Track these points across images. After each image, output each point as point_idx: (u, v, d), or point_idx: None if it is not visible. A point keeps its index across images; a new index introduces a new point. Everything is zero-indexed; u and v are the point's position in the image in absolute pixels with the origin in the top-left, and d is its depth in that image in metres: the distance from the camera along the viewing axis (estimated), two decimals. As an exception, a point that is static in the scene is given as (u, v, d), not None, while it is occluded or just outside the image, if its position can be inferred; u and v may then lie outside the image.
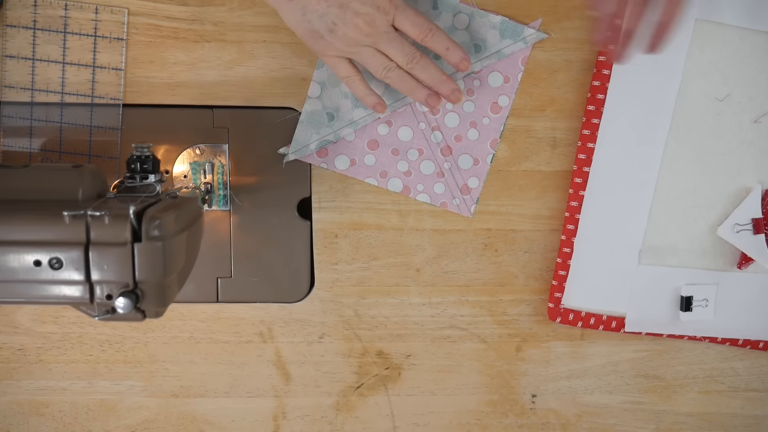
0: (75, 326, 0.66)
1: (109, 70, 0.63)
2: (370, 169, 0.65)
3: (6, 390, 0.67)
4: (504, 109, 0.64)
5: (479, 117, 0.64)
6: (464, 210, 0.65)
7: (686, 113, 0.63)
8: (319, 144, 0.63)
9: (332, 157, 0.64)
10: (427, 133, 0.64)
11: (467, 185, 0.65)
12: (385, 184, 0.65)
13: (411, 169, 0.65)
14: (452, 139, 0.64)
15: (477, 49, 0.62)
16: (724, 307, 0.67)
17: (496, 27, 0.62)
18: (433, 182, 0.65)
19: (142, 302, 0.47)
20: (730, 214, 0.65)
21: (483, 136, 0.64)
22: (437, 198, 0.65)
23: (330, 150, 0.64)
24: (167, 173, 0.64)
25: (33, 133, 0.63)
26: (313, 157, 0.64)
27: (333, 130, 0.63)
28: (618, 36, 0.54)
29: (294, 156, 0.63)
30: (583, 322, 0.67)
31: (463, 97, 0.63)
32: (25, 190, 0.50)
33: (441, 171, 0.65)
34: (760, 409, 0.71)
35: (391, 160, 0.64)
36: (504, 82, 0.64)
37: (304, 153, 0.63)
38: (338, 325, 0.67)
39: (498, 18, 0.62)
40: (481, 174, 0.65)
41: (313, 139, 0.63)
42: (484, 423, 0.70)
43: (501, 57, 0.63)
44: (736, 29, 0.62)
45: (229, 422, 0.68)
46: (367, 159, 0.64)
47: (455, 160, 0.64)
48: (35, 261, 0.45)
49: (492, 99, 0.64)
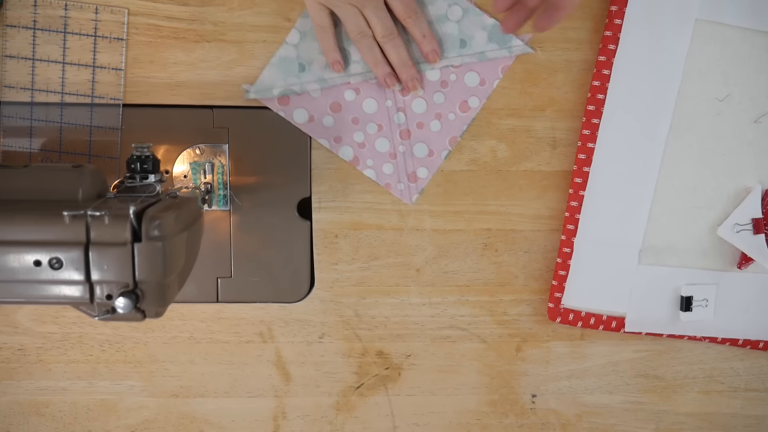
0: (75, 326, 0.66)
1: (109, 70, 0.63)
2: (325, 130, 0.64)
3: (6, 390, 0.67)
4: (472, 111, 0.64)
5: (446, 111, 0.64)
6: (406, 197, 0.65)
7: (686, 113, 0.63)
8: (283, 92, 0.63)
9: (292, 108, 0.63)
10: (391, 111, 0.64)
11: (416, 173, 0.65)
12: (337, 150, 0.64)
13: (366, 142, 0.64)
14: (414, 125, 0.64)
15: (462, 44, 0.62)
16: (724, 307, 0.67)
17: (486, 29, 0.62)
18: (383, 161, 0.65)
19: (142, 302, 0.47)
20: (730, 214, 0.65)
21: (444, 130, 0.64)
22: (383, 177, 0.65)
23: (292, 100, 0.63)
24: (167, 173, 0.64)
25: (33, 133, 0.63)
26: (273, 102, 0.63)
27: (300, 81, 0.63)
28: (516, 8, 0.53)
29: (255, 95, 0.63)
30: (583, 322, 0.67)
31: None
32: (25, 190, 0.50)
33: (394, 152, 0.64)
34: (760, 409, 0.71)
35: (349, 128, 0.64)
36: (479, 84, 0.64)
37: (266, 96, 0.63)
38: (338, 325, 0.67)
39: (491, 21, 0.62)
40: (432, 167, 0.65)
41: (279, 85, 0.63)
42: (484, 423, 0.70)
43: (483, 59, 0.63)
44: (736, 29, 0.62)
45: (229, 422, 0.68)
46: (326, 120, 0.64)
47: (411, 145, 0.64)
48: (35, 261, 0.45)
49: (463, 97, 0.64)
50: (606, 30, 0.62)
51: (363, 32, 0.59)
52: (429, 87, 0.64)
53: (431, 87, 0.64)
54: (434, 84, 0.64)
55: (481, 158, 0.66)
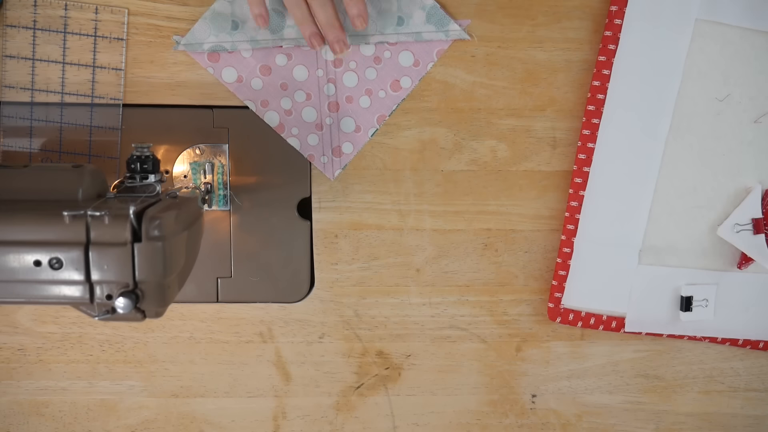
0: (75, 326, 0.66)
1: (109, 70, 0.63)
2: (253, 93, 0.63)
3: (6, 390, 0.67)
4: (403, 91, 0.63)
5: (377, 88, 0.63)
6: (328, 171, 0.64)
7: (686, 113, 0.63)
8: (214, 47, 0.62)
9: (222, 66, 0.62)
10: (322, 81, 0.63)
11: (341, 148, 0.64)
12: (262, 114, 0.63)
13: (293, 110, 0.63)
14: (343, 99, 0.63)
15: (399, 21, 0.62)
16: (724, 307, 0.67)
17: (425, 9, 0.61)
18: (309, 131, 0.64)
19: (142, 302, 0.47)
20: (730, 214, 0.65)
21: (374, 107, 0.63)
22: (307, 148, 0.64)
23: (222, 58, 0.62)
24: (167, 173, 0.64)
25: (33, 133, 0.63)
26: (203, 57, 0.62)
27: (232, 39, 0.61)
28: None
29: (184, 48, 0.62)
30: (583, 322, 0.67)
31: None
32: (25, 190, 0.50)
33: (321, 124, 0.63)
34: (760, 409, 0.71)
35: (277, 93, 0.63)
36: (413, 65, 0.63)
37: (196, 50, 0.62)
38: (338, 325, 0.67)
39: (430, 2, 0.61)
40: (358, 143, 0.64)
41: (210, 41, 0.61)
42: (484, 423, 0.70)
43: (419, 39, 0.62)
44: (736, 29, 0.62)
45: (229, 422, 0.68)
46: (254, 82, 0.63)
47: (339, 119, 0.63)
48: (35, 261, 0.45)
49: (396, 76, 0.63)
50: (606, 30, 0.62)
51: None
52: (362, 62, 0.63)
53: (364, 62, 0.63)
54: (368, 59, 0.63)
55: (481, 158, 0.66)
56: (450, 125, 0.65)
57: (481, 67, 0.64)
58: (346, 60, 0.62)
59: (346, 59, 0.62)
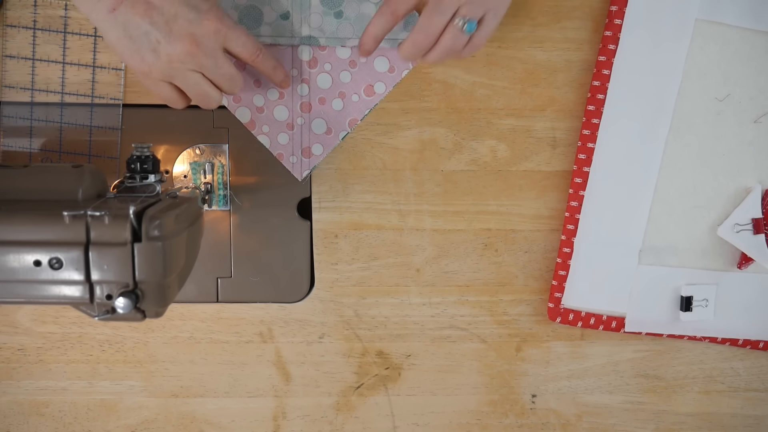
0: (75, 326, 0.66)
1: (109, 70, 0.63)
2: None
3: (6, 390, 0.67)
4: (376, 96, 0.63)
5: (350, 92, 0.63)
6: (297, 171, 0.64)
7: (686, 113, 0.63)
8: None
9: None
10: (296, 81, 0.62)
11: (310, 149, 0.63)
12: (234, 110, 0.63)
13: (265, 107, 0.63)
14: (316, 100, 0.63)
15: None
16: (724, 307, 0.67)
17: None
18: (279, 130, 0.63)
19: (142, 302, 0.47)
20: (730, 214, 0.65)
21: (346, 111, 0.63)
22: (276, 147, 0.63)
23: None
24: (167, 173, 0.64)
25: (33, 133, 0.63)
26: None
27: None
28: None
29: None
30: (583, 322, 0.67)
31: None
32: (25, 190, 0.50)
33: (292, 124, 0.63)
34: (760, 409, 0.71)
35: (250, 89, 0.62)
36: (388, 71, 0.63)
37: None
38: (338, 325, 0.67)
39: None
40: (328, 145, 0.64)
41: None
42: (484, 423, 0.70)
43: (395, 46, 0.62)
44: (736, 29, 0.62)
45: (229, 422, 0.68)
46: None
47: (310, 119, 0.63)
48: (35, 261, 0.45)
49: (370, 81, 0.63)
50: (606, 30, 0.62)
51: (207, 93, 0.54)
52: (337, 64, 0.62)
53: (339, 65, 0.62)
54: (343, 62, 0.62)
55: (481, 158, 0.66)
56: (450, 125, 0.65)
57: (481, 67, 0.64)
58: (321, 61, 0.62)
59: (321, 61, 0.62)
